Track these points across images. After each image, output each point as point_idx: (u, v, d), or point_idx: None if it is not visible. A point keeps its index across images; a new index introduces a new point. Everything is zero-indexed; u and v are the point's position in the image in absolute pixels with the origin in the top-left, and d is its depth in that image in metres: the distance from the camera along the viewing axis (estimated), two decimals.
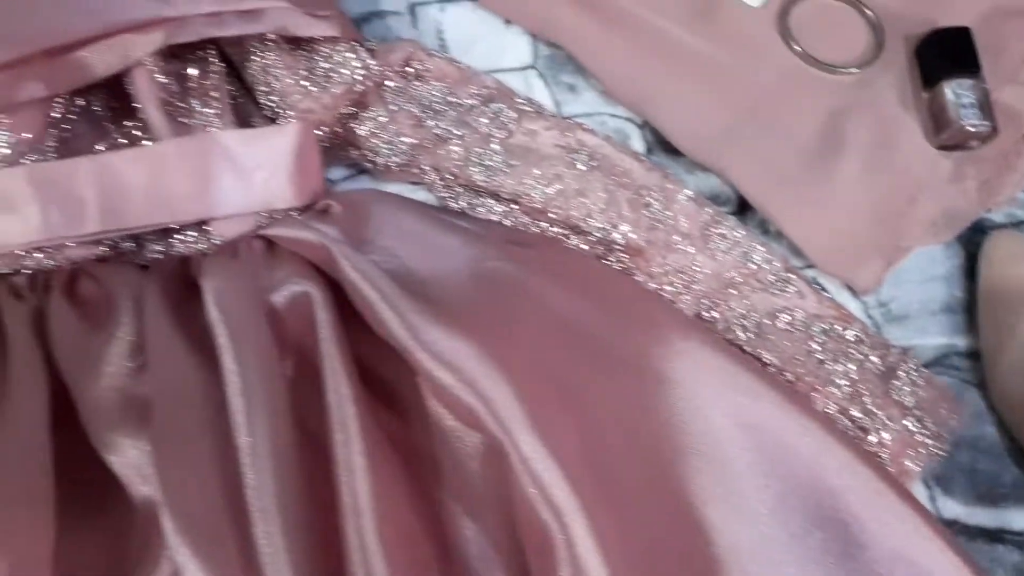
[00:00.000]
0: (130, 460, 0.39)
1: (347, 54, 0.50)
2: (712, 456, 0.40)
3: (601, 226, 0.50)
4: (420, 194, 0.53)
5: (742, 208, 0.55)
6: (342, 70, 0.50)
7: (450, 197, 0.52)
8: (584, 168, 0.51)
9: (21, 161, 0.44)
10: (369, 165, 0.53)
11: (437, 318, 0.39)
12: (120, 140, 0.49)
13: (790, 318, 0.50)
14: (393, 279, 0.41)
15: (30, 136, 0.44)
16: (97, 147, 0.48)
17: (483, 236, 0.47)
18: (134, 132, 0.49)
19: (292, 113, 0.49)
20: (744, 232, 0.51)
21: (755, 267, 0.51)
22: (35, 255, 0.43)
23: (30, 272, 0.43)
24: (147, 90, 0.45)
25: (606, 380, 0.40)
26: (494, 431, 0.36)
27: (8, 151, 0.44)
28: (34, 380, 0.39)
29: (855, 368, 0.48)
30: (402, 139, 0.52)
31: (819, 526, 0.41)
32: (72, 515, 0.38)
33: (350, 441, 0.37)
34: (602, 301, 0.44)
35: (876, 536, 0.41)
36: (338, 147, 0.53)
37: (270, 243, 0.45)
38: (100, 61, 0.44)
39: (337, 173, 0.54)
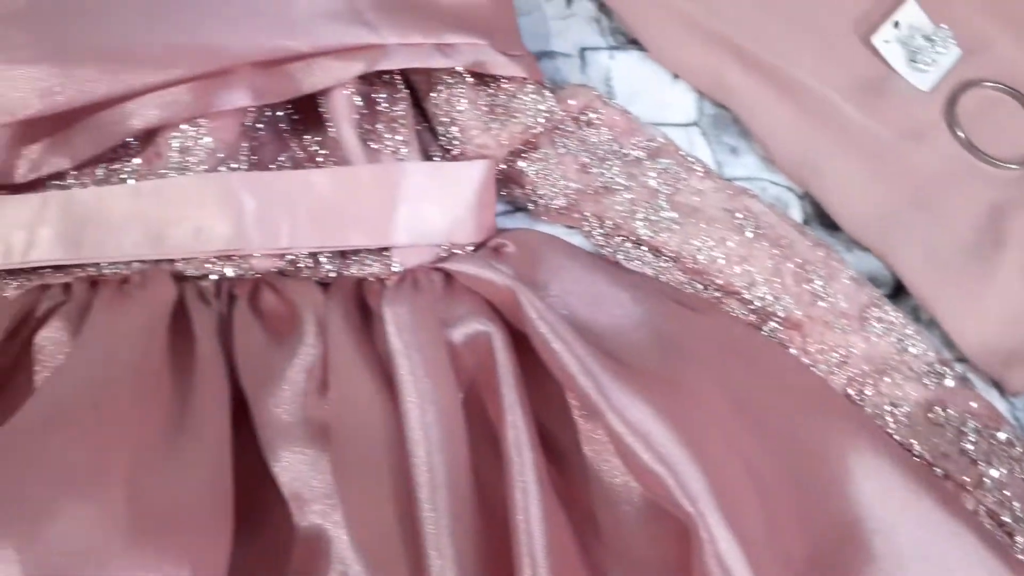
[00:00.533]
0: (301, 477, 0.39)
1: (532, 95, 0.50)
2: (886, 557, 0.39)
3: (763, 296, 0.50)
4: (576, 238, 0.53)
5: (897, 291, 0.54)
6: (524, 110, 0.50)
7: (607, 246, 0.52)
8: (750, 235, 0.51)
9: (219, 168, 0.45)
10: (529, 204, 0.53)
11: (624, 380, 0.39)
12: (299, 154, 0.49)
13: (943, 412, 0.49)
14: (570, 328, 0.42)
15: (228, 142, 0.45)
16: (279, 158, 0.48)
17: (650, 293, 0.47)
18: (311, 148, 0.50)
19: (469, 147, 0.50)
20: (901, 318, 0.51)
21: (909, 355, 0.51)
22: (224, 262, 0.44)
23: (216, 279, 0.44)
24: (344, 111, 0.46)
25: (785, 463, 0.40)
26: (682, 503, 0.36)
27: (207, 156, 0.44)
28: (219, 388, 0.39)
29: (1006, 472, 0.48)
30: (567, 183, 0.52)
31: None
32: (237, 526, 0.38)
33: (528, 488, 0.37)
34: (774, 380, 0.44)
35: None
36: (501, 182, 0.53)
37: (448, 277, 0.45)
38: (307, 78, 0.45)
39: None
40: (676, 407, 0.39)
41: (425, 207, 0.45)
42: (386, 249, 0.46)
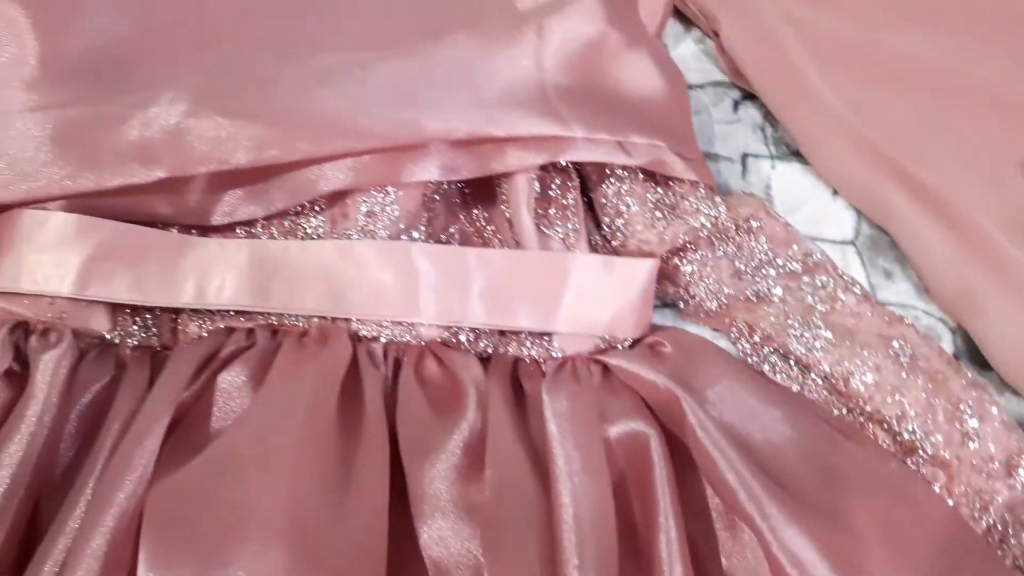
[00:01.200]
0: (448, 550, 0.40)
1: (703, 200, 0.51)
2: None
3: (912, 431, 0.49)
4: (721, 342, 0.53)
5: None
6: (692, 212, 0.51)
7: (754, 355, 0.52)
8: (905, 366, 0.50)
9: (400, 236, 0.46)
10: (681, 303, 0.54)
11: (784, 504, 0.39)
12: (468, 227, 0.51)
13: None
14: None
15: (411, 212, 0.47)
16: (450, 229, 0.50)
17: (800, 411, 0.47)
18: (480, 222, 0.51)
19: (631, 240, 0.51)
20: None
21: None
22: (394, 326, 0.45)
23: (385, 341, 0.45)
24: (523, 195, 0.48)
25: None
26: None
27: (391, 223, 0.46)
28: (382, 451, 0.41)
29: None
30: (721, 287, 0.52)
31: None
32: None
33: None
34: (923, 520, 0.43)
35: None
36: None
37: (606, 370, 0.46)
38: (497, 161, 0.47)
39: None
40: (836, 541, 0.38)
41: (591, 298, 0.46)
42: (547, 334, 0.47)
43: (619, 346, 0.47)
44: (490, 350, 0.47)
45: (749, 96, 0.62)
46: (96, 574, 0.35)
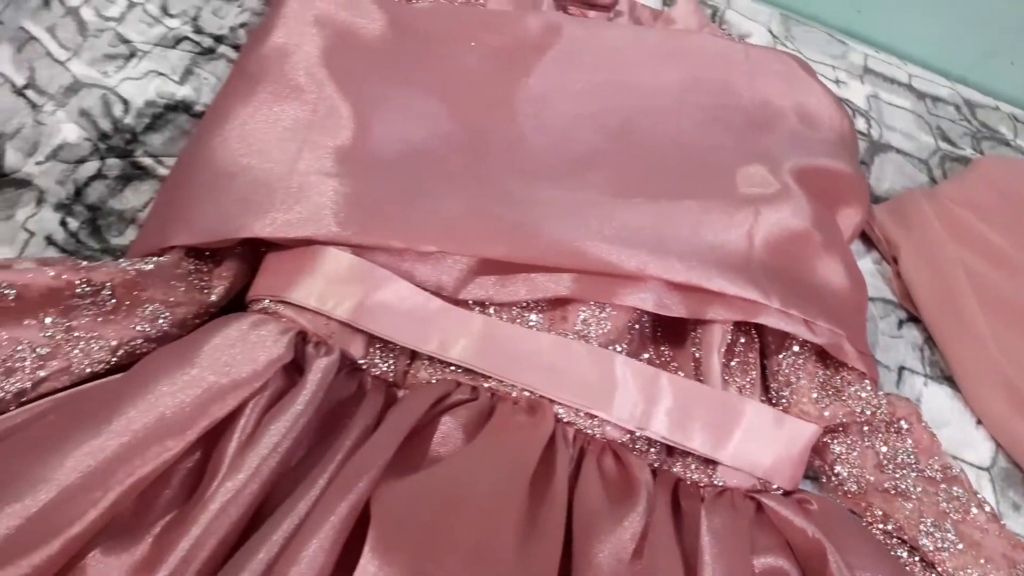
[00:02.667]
0: None
1: (865, 391, 0.58)
2: None
3: None
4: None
5: None
6: (856, 399, 0.58)
7: (884, 543, 0.57)
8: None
9: (607, 346, 0.55)
10: (823, 477, 0.59)
11: None
12: (655, 359, 0.59)
13: None
14: None
15: (619, 329, 0.56)
16: (642, 356, 0.58)
17: None
18: (665, 357, 0.59)
19: (793, 409, 0.57)
20: None
21: None
22: (588, 419, 0.53)
23: (575, 428, 0.53)
24: (717, 342, 0.56)
25: None
26: None
27: (602, 334, 0.55)
28: (562, 514, 0.47)
29: None
30: (863, 472, 0.58)
31: None
32: None
33: None
34: None
35: None
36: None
37: (760, 507, 0.52)
38: (704, 310, 0.55)
39: None
40: None
41: (758, 441, 0.53)
42: (712, 462, 0.53)
43: (772, 492, 0.53)
44: (657, 464, 0.54)
45: (913, 319, 0.69)
46: (325, 551, 0.42)
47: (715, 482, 0.53)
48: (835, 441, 0.59)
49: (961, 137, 0.83)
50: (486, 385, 0.54)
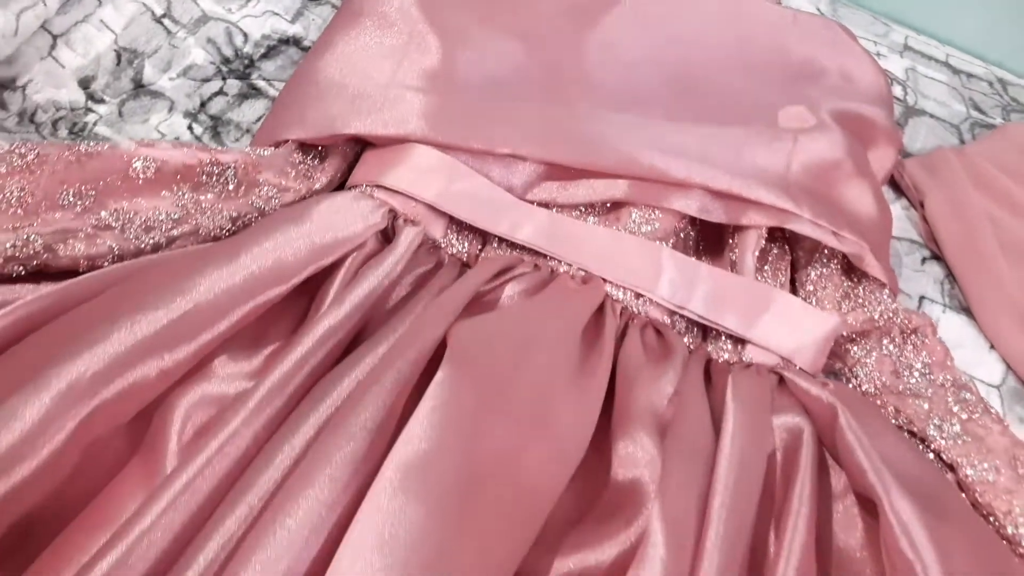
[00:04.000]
0: (638, 451, 0.53)
1: (884, 301, 0.65)
2: None
3: (1016, 527, 0.58)
4: None
5: None
6: (875, 306, 0.65)
7: None
8: (1022, 475, 0.60)
9: (657, 240, 0.63)
10: (842, 379, 0.66)
11: (903, 489, 0.50)
12: (704, 258, 0.67)
13: None
14: None
15: (667, 231, 0.64)
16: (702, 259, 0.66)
17: (931, 464, 0.57)
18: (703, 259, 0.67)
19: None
20: None
21: None
22: (635, 299, 0.61)
23: (623, 304, 0.61)
24: (752, 245, 0.63)
25: None
26: (911, 560, 0.47)
27: (651, 231, 0.63)
28: (608, 363, 0.55)
29: None
30: (880, 375, 0.65)
31: None
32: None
33: (790, 559, 0.48)
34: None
35: None
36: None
37: (781, 380, 0.59)
38: (741, 216, 0.63)
39: None
40: (937, 527, 0.48)
41: (785, 325, 0.60)
42: (742, 341, 0.61)
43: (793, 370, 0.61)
44: (692, 346, 0.62)
45: (936, 257, 0.76)
46: (399, 386, 0.49)
47: (744, 359, 0.60)
48: (855, 346, 0.65)
49: (992, 108, 0.90)
50: (548, 263, 0.62)
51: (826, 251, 0.66)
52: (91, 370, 0.48)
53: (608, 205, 0.66)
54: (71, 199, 0.58)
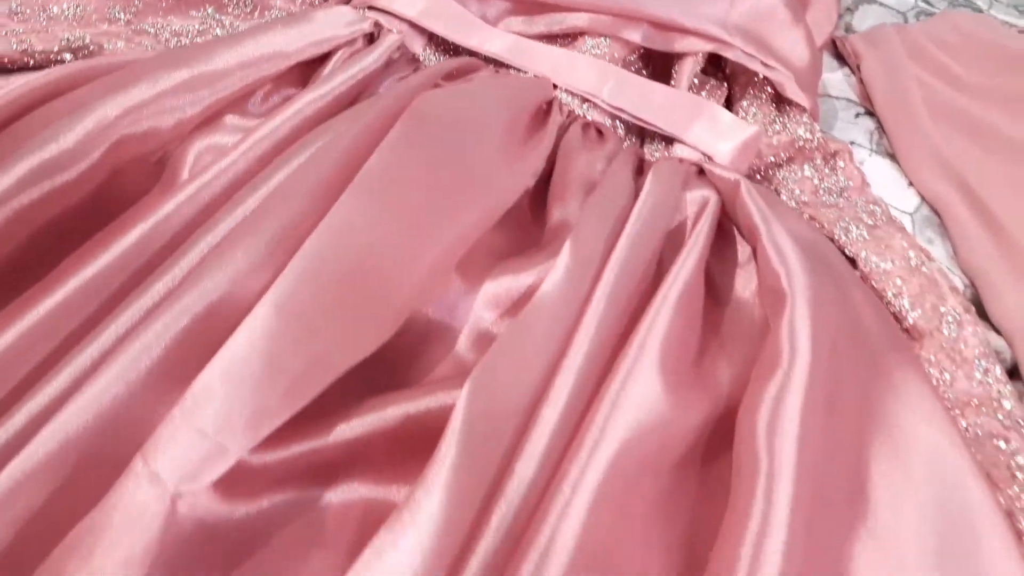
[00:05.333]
0: (568, 214, 0.62)
1: (806, 123, 0.74)
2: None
3: (903, 306, 0.66)
4: None
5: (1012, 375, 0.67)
6: (797, 130, 0.74)
7: None
8: (914, 269, 0.68)
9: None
10: None
11: (783, 225, 0.59)
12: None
13: (1005, 446, 0.61)
14: None
15: (616, 57, 0.74)
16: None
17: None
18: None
19: None
20: (1005, 379, 0.64)
21: (1003, 409, 0.64)
22: (581, 103, 0.71)
23: (569, 106, 0.71)
24: (689, 70, 0.73)
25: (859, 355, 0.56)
26: (783, 283, 0.55)
27: (601, 55, 0.73)
28: (548, 146, 0.65)
29: None
30: (801, 194, 0.74)
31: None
32: None
33: (669, 294, 0.56)
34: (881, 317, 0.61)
35: None
36: (753, 174, 0.75)
37: (701, 171, 0.68)
38: (679, 43, 0.73)
39: None
40: (816, 265, 0.57)
41: (711, 132, 0.69)
42: (671, 143, 0.70)
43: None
44: (628, 143, 0.72)
45: (869, 113, 0.84)
46: (349, 151, 0.59)
47: (675, 154, 0.70)
48: (780, 171, 0.75)
49: (939, 0, 0.98)
50: (509, 72, 0.72)
51: (757, 84, 0.76)
52: (116, 112, 0.59)
53: (567, 37, 0.76)
54: (118, 14, 0.70)
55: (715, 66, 0.79)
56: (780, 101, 0.75)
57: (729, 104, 0.77)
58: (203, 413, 0.45)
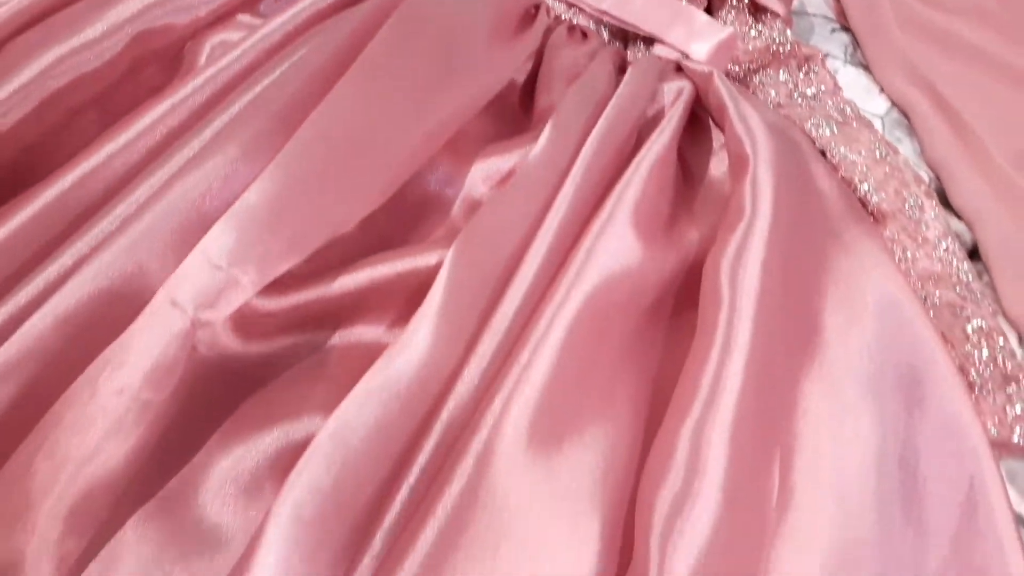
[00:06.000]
0: (555, 100, 0.67)
1: (779, 29, 0.78)
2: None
3: (868, 189, 0.71)
4: None
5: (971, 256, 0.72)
6: (771, 35, 0.78)
7: None
8: (880, 159, 0.73)
9: None
10: None
11: (751, 109, 0.63)
12: None
13: (961, 312, 0.66)
14: None
15: None
16: None
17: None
18: None
19: None
20: (964, 259, 0.69)
21: (962, 284, 0.68)
22: (566, 7, 0.76)
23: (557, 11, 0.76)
24: None
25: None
26: (746, 149, 0.60)
27: None
28: (530, 42, 0.70)
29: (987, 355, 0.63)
30: (778, 99, 0.78)
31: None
32: None
33: (642, 163, 0.61)
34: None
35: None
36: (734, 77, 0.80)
37: (679, 67, 0.73)
38: None
39: None
40: (776, 130, 0.62)
41: (690, 33, 0.73)
42: (652, 44, 0.75)
43: None
44: (612, 45, 0.76)
45: (846, 29, 0.89)
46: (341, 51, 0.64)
47: (656, 53, 0.74)
48: (756, 76, 0.79)
49: None
50: None
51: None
52: (137, 7, 0.64)
53: None
54: None
55: None
56: (756, 11, 0.80)
57: (708, 13, 0.82)
58: (218, 251, 0.50)
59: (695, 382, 0.50)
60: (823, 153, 0.73)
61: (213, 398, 0.52)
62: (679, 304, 0.58)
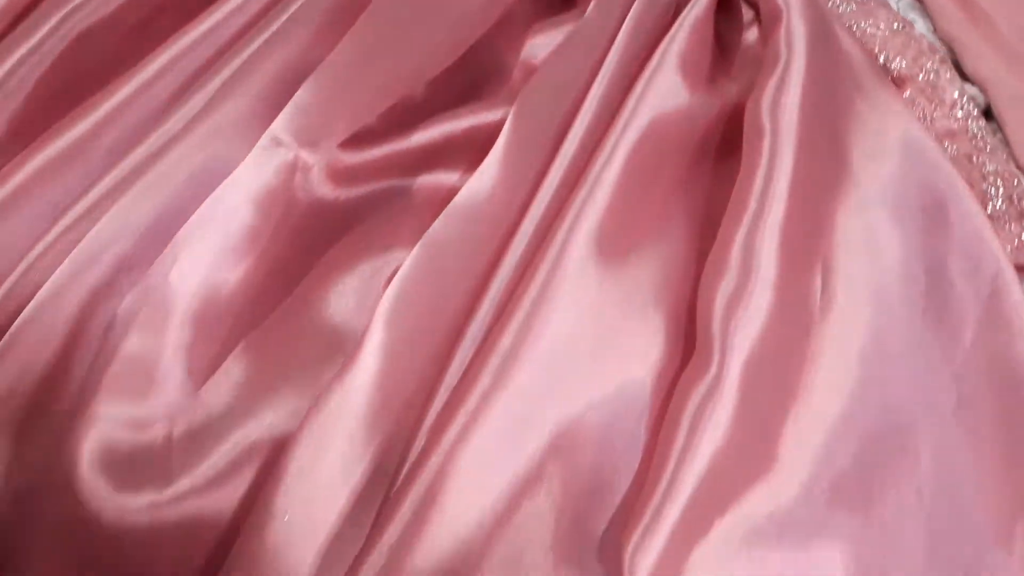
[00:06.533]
0: None
1: None
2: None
3: (887, 56, 0.76)
4: None
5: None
6: None
7: None
8: (898, 31, 0.78)
9: None
10: None
11: None
12: None
13: (977, 159, 0.72)
14: None
15: None
16: None
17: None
18: None
19: None
20: (979, 117, 0.75)
21: (978, 140, 0.74)
22: None
23: None
24: None
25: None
26: (781, 7, 0.65)
27: None
28: None
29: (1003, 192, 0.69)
30: None
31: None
32: None
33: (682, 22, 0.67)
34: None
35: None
36: None
37: None
38: None
39: None
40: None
41: None
42: None
43: None
44: None
45: None
46: None
47: None
48: None
49: None
50: None
51: None
52: None
53: None
54: None
55: None
56: None
57: None
58: (314, 102, 0.57)
59: (744, 200, 0.56)
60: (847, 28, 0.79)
61: (313, 238, 0.58)
62: (724, 147, 0.64)
